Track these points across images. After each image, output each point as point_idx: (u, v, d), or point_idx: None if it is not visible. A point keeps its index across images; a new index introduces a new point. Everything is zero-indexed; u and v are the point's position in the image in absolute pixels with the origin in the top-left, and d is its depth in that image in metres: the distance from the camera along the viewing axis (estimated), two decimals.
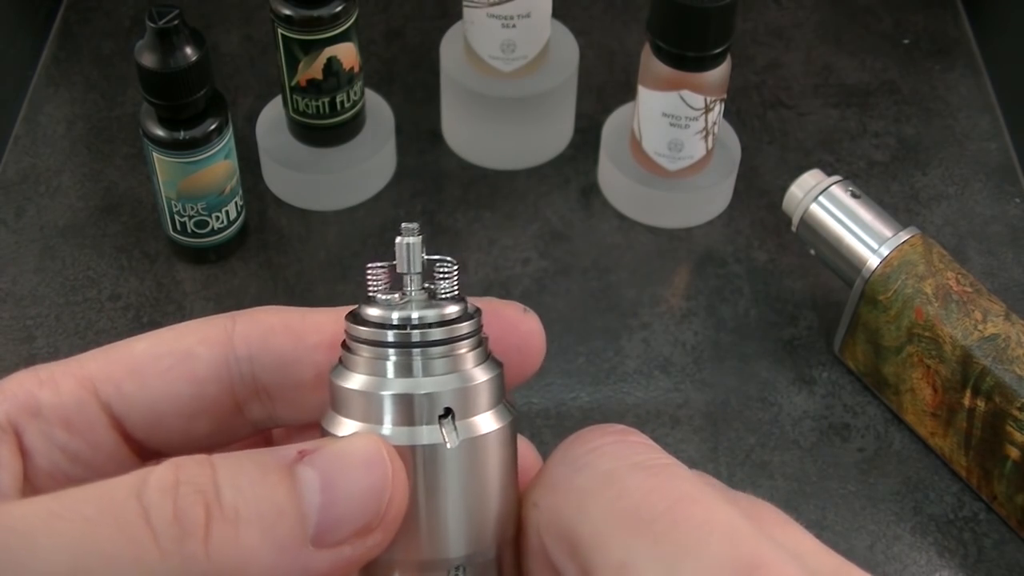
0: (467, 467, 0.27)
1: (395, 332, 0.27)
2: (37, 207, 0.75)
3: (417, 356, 0.27)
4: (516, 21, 0.71)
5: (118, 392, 0.29)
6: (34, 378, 0.29)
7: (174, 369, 0.29)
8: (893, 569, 0.61)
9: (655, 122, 0.70)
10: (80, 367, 0.29)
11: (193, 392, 0.29)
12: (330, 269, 0.72)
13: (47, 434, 0.28)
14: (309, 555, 0.24)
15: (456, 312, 0.28)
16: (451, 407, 0.27)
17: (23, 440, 0.28)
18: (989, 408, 0.60)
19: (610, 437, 0.27)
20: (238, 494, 0.24)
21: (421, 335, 0.27)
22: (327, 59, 0.69)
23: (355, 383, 0.27)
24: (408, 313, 0.27)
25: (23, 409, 0.28)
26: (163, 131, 0.65)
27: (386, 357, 0.27)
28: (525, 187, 0.77)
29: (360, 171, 0.74)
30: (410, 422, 0.27)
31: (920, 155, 0.79)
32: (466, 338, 0.27)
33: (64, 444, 0.29)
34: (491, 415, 0.27)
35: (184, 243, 0.71)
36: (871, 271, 0.63)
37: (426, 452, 0.26)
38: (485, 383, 0.27)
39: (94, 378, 0.29)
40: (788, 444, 0.65)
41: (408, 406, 0.27)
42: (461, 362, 0.27)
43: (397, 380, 0.27)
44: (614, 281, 0.72)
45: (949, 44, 0.86)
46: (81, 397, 0.29)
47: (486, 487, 0.27)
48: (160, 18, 0.62)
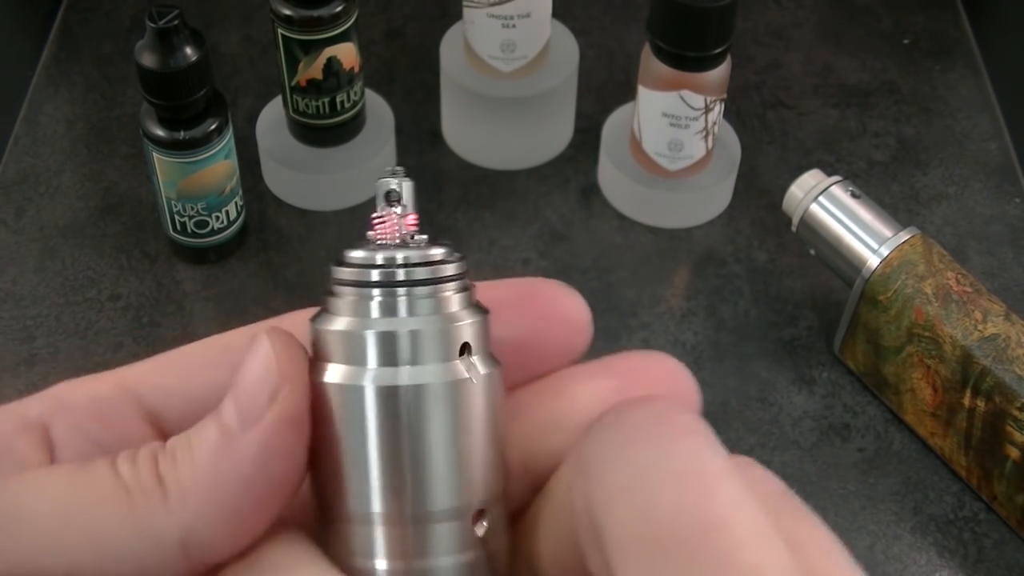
0: (456, 410, 0.26)
1: (379, 271, 0.27)
2: (37, 207, 0.75)
3: (402, 295, 0.26)
4: (516, 21, 0.71)
5: (157, 384, 0.30)
6: (73, 380, 0.30)
7: (216, 360, 0.30)
8: (893, 569, 0.61)
9: (655, 122, 0.70)
10: (121, 371, 0.30)
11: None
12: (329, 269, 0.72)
13: (78, 427, 0.29)
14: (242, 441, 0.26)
15: (442, 254, 0.27)
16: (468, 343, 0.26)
17: (51, 433, 0.29)
18: (989, 408, 0.60)
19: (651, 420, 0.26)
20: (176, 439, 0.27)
21: (406, 273, 0.26)
22: (327, 59, 0.69)
23: (338, 324, 0.27)
24: (393, 253, 0.27)
25: (54, 406, 0.29)
26: (163, 131, 0.65)
27: (370, 297, 0.27)
28: (525, 187, 0.77)
29: (360, 171, 0.74)
30: (394, 362, 0.26)
31: (920, 155, 0.79)
32: (452, 279, 0.27)
33: (97, 437, 0.29)
34: (476, 359, 0.27)
35: (184, 243, 0.71)
36: (871, 271, 0.63)
37: (411, 392, 0.26)
38: (472, 324, 0.27)
39: (135, 377, 0.30)
40: (788, 444, 0.65)
41: (392, 344, 0.26)
42: (447, 304, 0.27)
43: (381, 319, 0.26)
44: (614, 281, 0.72)
45: (949, 44, 0.86)
46: (116, 392, 0.30)
47: (474, 435, 0.26)
48: (160, 18, 0.62)
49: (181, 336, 0.69)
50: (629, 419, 0.26)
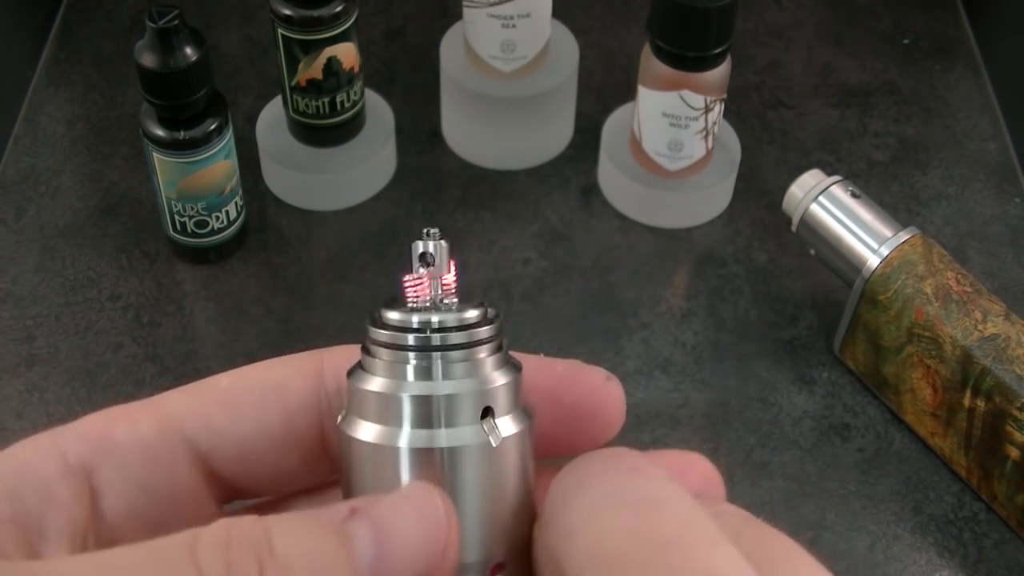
0: (486, 470, 0.27)
1: (415, 335, 0.27)
2: (37, 207, 0.75)
3: (437, 359, 0.27)
4: (516, 21, 0.71)
5: (207, 426, 0.28)
6: (108, 417, 0.28)
7: (267, 400, 0.29)
8: (893, 569, 0.61)
9: (655, 122, 0.70)
10: (161, 404, 0.28)
11: (285, 424, 0.29)
12: (330, 269, 0.72)
13: (123, 471, 0.27)
14: None
15: (476, 316, 0.28)
16: (491, 406, 0.27)
17: (95, 479, 0.27)
18: (989, 408, 0.60)
19: (598, 466, 0.26)
20: (291, 547, 0.23)
21: (441, 338, 0.27)
22: (327, 59, 0.69)
23: (374, 385, 0.27)
24: (428, 316, 0.27)
25: (97, 447, 0.27)
26: (163, 131, 0.65)
27: (406, 360, 0.27)
28: (525, 187, 0.77)
29: (360, 171, 0.74)
30: (428, 424, 0.27)
31: (920, 155, 0.79)
32: (486, 342, 0.28)
33: (143, 482, 0.27)
34: (510, 418, 0.27)
35: (184, 243, 0.71)
36: (871, 271, 0.63)
37: (447, 455, 0.26)
38: (504, 386, 0.27)
39: (180, 414, 0.28)
40: (788, 444, 0.65)
41: (427, 408, 0.27)
42: (480, 366, 0.27)
43: (416, 383, 0.27)
44: (614, 281, 0.72)
45: (949, 44, 0.86)
46: (162, 433, 0.28)
47: (504, 491, 0.27)
48: (160, 18, 0.62)
49: (181, 336, 0.69)
50: (582, 467, 0.26)
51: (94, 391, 0.67)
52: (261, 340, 0.69)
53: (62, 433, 0.27)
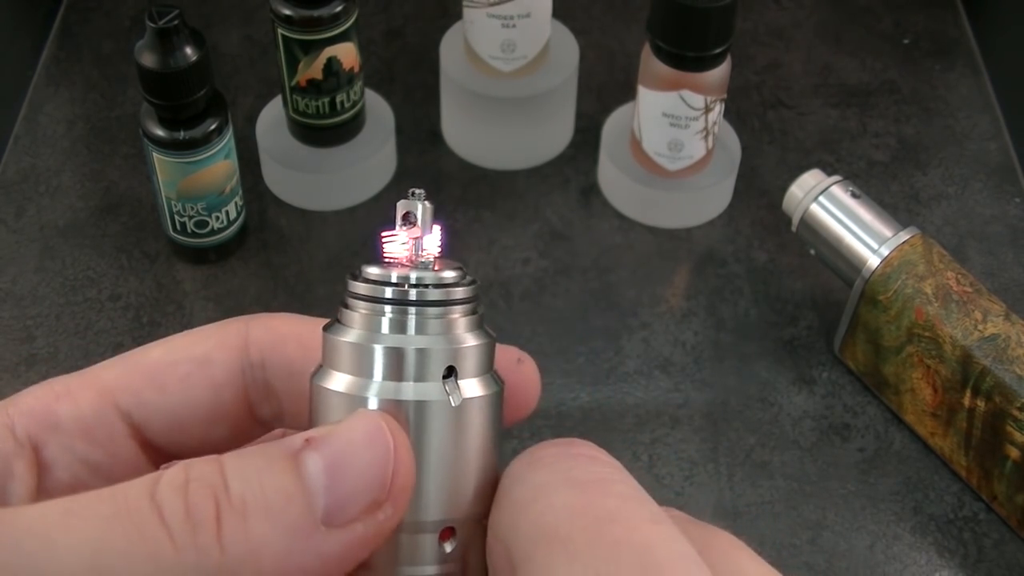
0: (448, 428, 0.27)
1: (392, 289, 0.27)
2: (37, 207, 0.75)
3: (412, 314, 0.27)
4: (516, 21, 0.71)
5: (138, 401, 0.29)
6: (50, 392, 0.29)
7: (193, 375, 0.30)
8: (893, 569, 0.61)
9: (655, 122, 0.70)
10: (97, 378, 0.29)
11: (212, 397, 0.30)
12: (330, 269, 0.72)
13: (67, 447, 0.29)
14: (322, 537, 0.24)
15: (454, 277, 0.28)
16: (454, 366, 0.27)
17: (42, 454, 0.28)
18: (989, 408, 0.60)
19: (552, 449, 0.27)
20: (245, 485, 0.24)
21: (418, 294, 0.27)
22: (327, 59, 0.69)
23: (349, 336, 0.27)
24: (406, 272, 0.28)
25: (42, 424, 0.28)
26: (163, 131, 0.65)
27: (381, 313, 0.27)
28: (525, 187, 0.77)
29: (360, 171, 0.74)
30: (399, 377, 0.27)
31: (920, 155, 0.79)
32: (461, 303, 0.28)
33: (85, 456, 0.29)
34: (478, 381, 0.28)
35: (184, 243, 0.71)
36: (871, 271, 0.63)
37: (413, 408, 0.27)
38: (476, 347, 0.28)
39: (113, 388, 0.29)
40: (788, 444, 0.65)
41: (399, 360, 0.27)
42: (454, 325, 0.27)
43: (390, 335, 0.27)
44: (614, 281, 0.72)
45: (949, 44, 0.86)
46: (100, 408, 0.29)
47: (467, 452, 0.27)
48: (160, 18, 0.62)
49: None
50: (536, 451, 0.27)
51: None
52: None
53: (5, 408, 0.28)
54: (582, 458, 0.26)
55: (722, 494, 0.63)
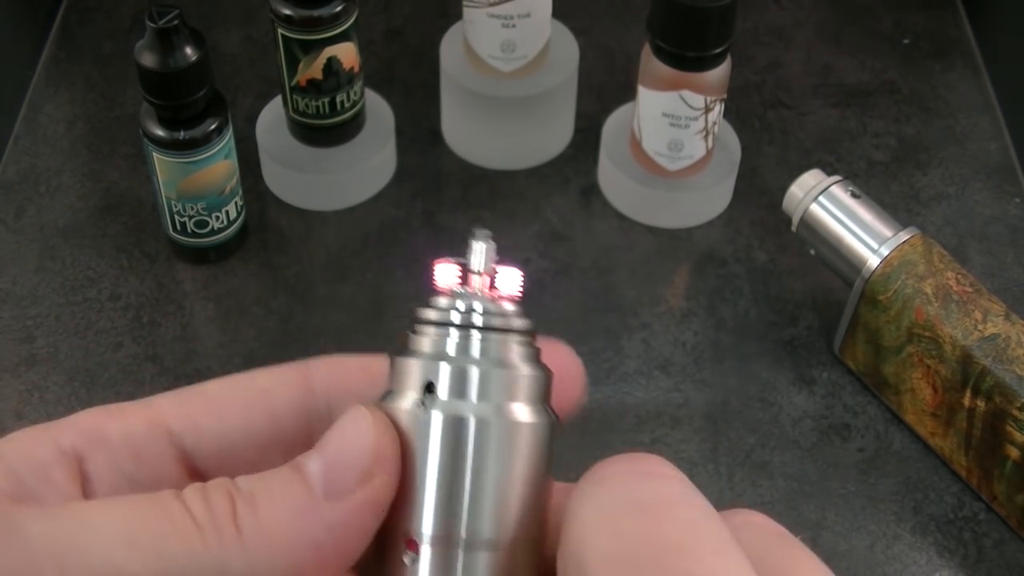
0: (496, 449, 0.28)
1: (458, 315, 0.29)
2: (37, 207, 0.75)
3: (475, 338, 0.29)
4: (516, 21, 0.71)
5: (193, 426, 0.31)
6: (103, 411, 0.30)
7: (252, 404, 0.31)
8: (893, 569, 0.61)
9: (655, 122, 0.70)
10: (149, 405, 0.31)
11: (270, 425, 0.31)
12: (330, 269, 0.72)
13: (113, 463, 0.30)
14: (325, 509, 0.27)
15: (515, 311, 0.30)
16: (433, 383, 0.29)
17: (85, 466, 0.29)
18: (989, 408, 0.60)
19: (619, 466, 0.28)
20: (253, 483, 0.27)
21: (482, 320, 0.29)
22: (327, 59, 0.69)
23: (413, 356, 0.29)
24: (473, 302, 0.30)
25: (89, 438, 0.30)
26: (163, 131, 0.65)
27: (447, 336, 0.29)
28: (525, 187, 0.77)
29: (360, 171, 0.74)
30: (461, 395, 0.28)
31: (920, 155, 0.79)
32: (521, 334, 0.30)
33: (130, 474, 0.30)
34: (531, 410, 0.29)
35: (184, 243, 0.71)
36: (871, 271, 0.63)
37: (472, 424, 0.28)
38: (530, 376, 0.29)
39: (168, 413, 0.31)
40: (788, 444, 0.65)
41: (461, 379, 0.28)
42: (512, 353, 0.29)
43: (455, 356, 0.29)
44: (614, 281, 0.72)
45: (949, 44, 0.86)
46: (151, 430, 0.30)
47: (513, 475, 0.28)
48: (160, 18, 0.62)
49: (181, 336, 0.69)
50: (602, 468, 0.28)
51: (94, 391, 0.67)
52: (261, 340, 0.69)
53: (57, 425, 0.30)
54: (646, 476, 0.27)
55: (722, 494, 0.63)
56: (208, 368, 0.68)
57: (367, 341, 0.69)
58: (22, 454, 0.29)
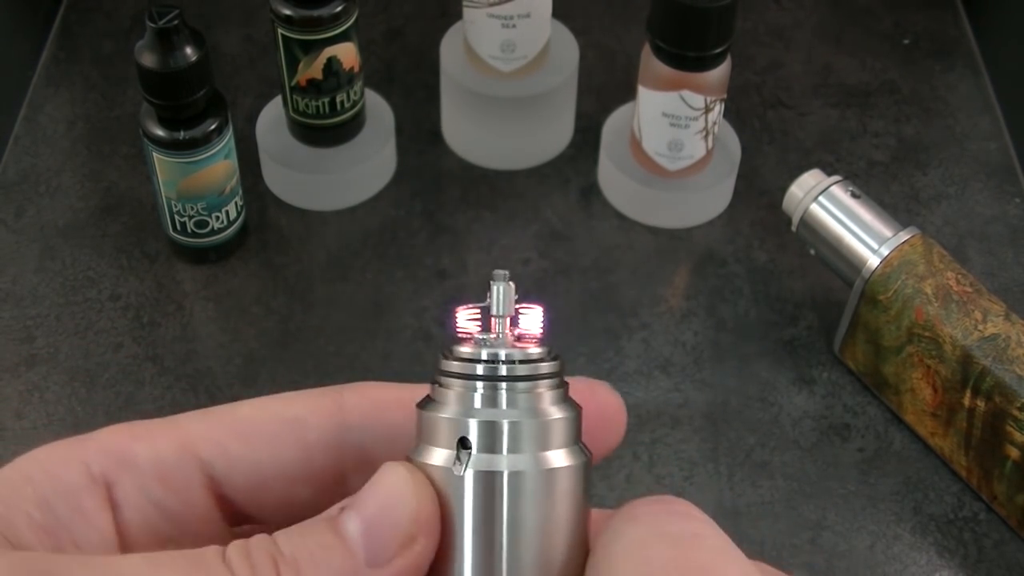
0: (541, 497, 0.28)
1: (484, 366, 0.29)
2: (37, 207, 0.75)
3: (502, 389, 0.29)
4: (516, 21, 0.71)
5: (223, 453, 0.30)
6: (129, 432, 0.30)
7: (283, 435, 0.30)
8: (893, 569, 0.61)
9: (655, 122, 0.70)
10: (180, 426, 0.30)
11: (301, 457, 0.31)
12: (330, 269, 0.72)
13: (141, 488, 0.29)
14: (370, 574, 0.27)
15: (540, 353, 0.29)
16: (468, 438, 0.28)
17: (114, 492, 0.29)
18: (989, 408, 0.60)
19: (648, 507, 0.28)
20: (295, 547, 0.27)
21: (508, 370, 0.29)
22: (327, 59, 0.69)
23: (443, 412, 0.29)
24: (497, 350, 0.29)
25: (118, 462, 0.29)
26: (163, 131, 0.65)
27: (473, 389, 0.29)
28: (525, 187, 0.77)
29: (360, 171, 0.74)
30: (492, 449, 0.28)
31: (920, 155, 0.79)
32: (548, 377, 0.29)
33: (158, 500, 0.29)
34: (564, 452, 0.29)
35: (184, 243, 0.71)
36: (871, 271, 0.63)
37: (505, 478, 0.28)
38: (562, 420, 0.29)
39: (196, 438, 0.30)
40: (788, 444, 0.65)
41: (491, 433, 0.28)
42: (542, 399, 0.29)
43: (483, 409, 0.28)
44: (614, 281, 0.72)
45: (949, 44, 0.86)
46: (180, 455, 0.30)
47: (557, 521, 0.28)
48: (160, 18, 0.62)
49: (181, 336, 0.69)
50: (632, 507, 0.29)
51: (94, 391, 0.67)
52: (261, 340, 0.69)
53: (84, 443, 0.29)
54: (677, 515, 0.28)
55: (722, 494, 0.63)
56: (208, 368, 0.68)
57: (367, 341, 0.69)
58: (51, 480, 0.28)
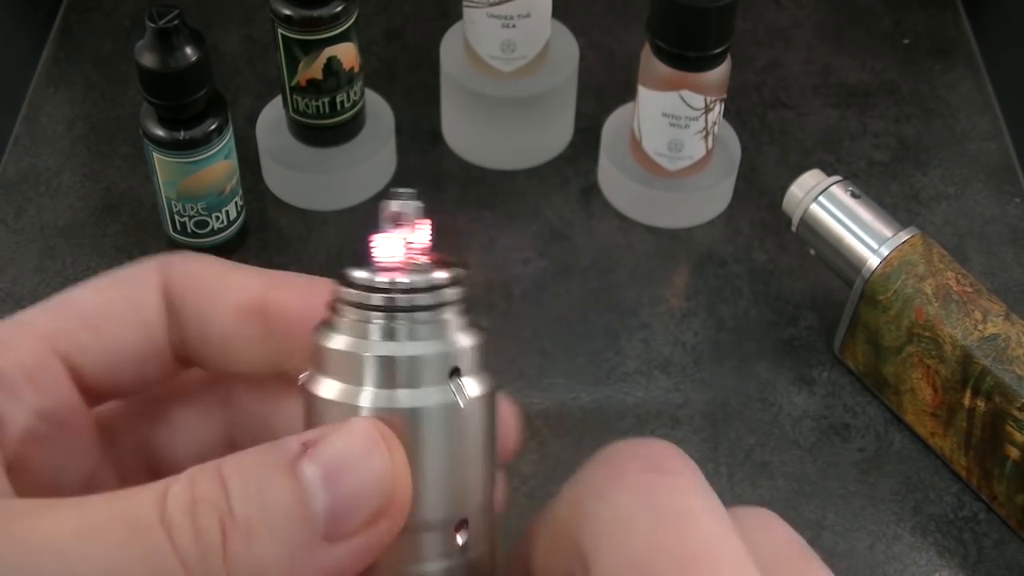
0: (449, 430, 0.27)
1: (380, 295, 0.27)
2: (37, 207, 0.75)
3: (402, 319, 0.27)
4: (516, 21, 0.71)
5: (75, 344, 0.30)
6: None
7: (127, 315, 0.30)
8: (893, 569, 0.61)
9: (655, 122, 0.70)
10: (30, 325, 0.30)
11: (144, 336, 0.30)
12: (330, 269, 0.72)
13: (16, 399, 0.29)
14: (324, 552, 0.25)
15: (443, 278, 0.28)
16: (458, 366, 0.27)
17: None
18: (989, 408, 0.60)
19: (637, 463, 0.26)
20: (248, 505, 0.25)
21: (406, 299, 0.27)
22: (327, 59, 0.69)
23: (338, 343, 0.27)
24: (394, 277, 0.27)
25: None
26: (163, 131, 0.65)
27: (370, 320, 0.27)
28: (525, 187, 0.77)
29: (360, 171, 0.74)
30: (392, 384, 0.27)
31: (920, 155, 0.79)
32: (451, 304, 0.28)
33: (34, 405, 0.29)
34: (475, 381, 0.28)
35: (184, 243, 0.71)
36: (871, 271, 0.63)
37: (408, 415, 0.27)
38: (470, 348, 0.28)
39: (49, 334, 0.29)
40: (788, 444, 0.65)
41: (390, 368, 0.27)
42: (446, 327, 0.27)
43: (380, 343, 0.27)
44: (614, 281, 0.72)
45: (949, 44, 0.86)
46: (42, 356, 0.29)
47: (467, 452, 0.27)
48: (160, 18, 0.62)
49: None
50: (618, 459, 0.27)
51: None
52: None
53: None
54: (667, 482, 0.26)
55: (722, 494, 0.63)
56: None
57: None
58: None
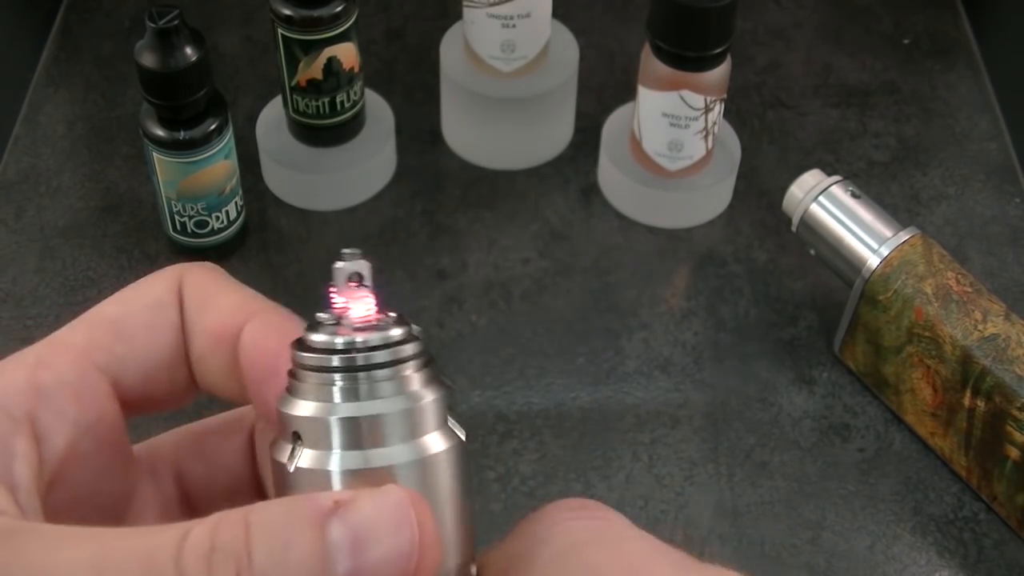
0: (423, 486, 0.27)
1: (340, 357, 0.27)
2: (37, 207, 0.75)
3: (363, 380, 0.27)
4: (516, 21, 0.71)
5: (113, 356, 0.30)
6: (24, 363, 0.29)
7: (155, 321, 0.31)
8: (893, 569, 0.61)
9: (655, 122, 0.70)
10: (66, 342, 0.30)
11: (173, 339, 0.31)
12: (330, 269, 0.72)
13: (60, 413, 0.29)
14: None
15: (401, 334, 0.28)
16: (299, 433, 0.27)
17: (36, 426, 0.29)
18: (989, 408, 0.60)
19: (570, 513, 0.29)
20: (270, 559, 0.24)
21: (366, 359, 0.27)
22: (327, 59, 0.69)
23: (303, 410, 0.27)
24: (352, 338, 0.27)
25: (32, 396, 0.29)
26: (163, 131, 0.65)
27: (332, 383, 0.27)
28: (525, 187, 0.77)
29: (360, 171, 0.74)
30: (359, 445, 0.27)
31: (920, 155, 0.79)
32: (411, 359, 0.28)
33: (77, 419, 0.29)
34: (438, 435, 0.27)
35: (184, 243, 0.71)
36: (871, 271, 0.63)
37: (382, 475, 0.26)
38: (430, 403, 0.27)
39: (85, 348, 0.30)
40: (788, 444, 0.65)
41: (356, 429, 0.27)
42: (408, 383, 0.27)
43: (344, 404, 0.27)
44: (614, 281, 0.72)
45: (949, 44, 0.86)
46: (81, 370, 0.30)
47: (442, 504, 0.27)
48: (160, 18, 0.62)
49: None
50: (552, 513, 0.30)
51: None
52: None
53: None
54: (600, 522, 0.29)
55: (722, 494, 0.63)
56: None
57: None
58: None
